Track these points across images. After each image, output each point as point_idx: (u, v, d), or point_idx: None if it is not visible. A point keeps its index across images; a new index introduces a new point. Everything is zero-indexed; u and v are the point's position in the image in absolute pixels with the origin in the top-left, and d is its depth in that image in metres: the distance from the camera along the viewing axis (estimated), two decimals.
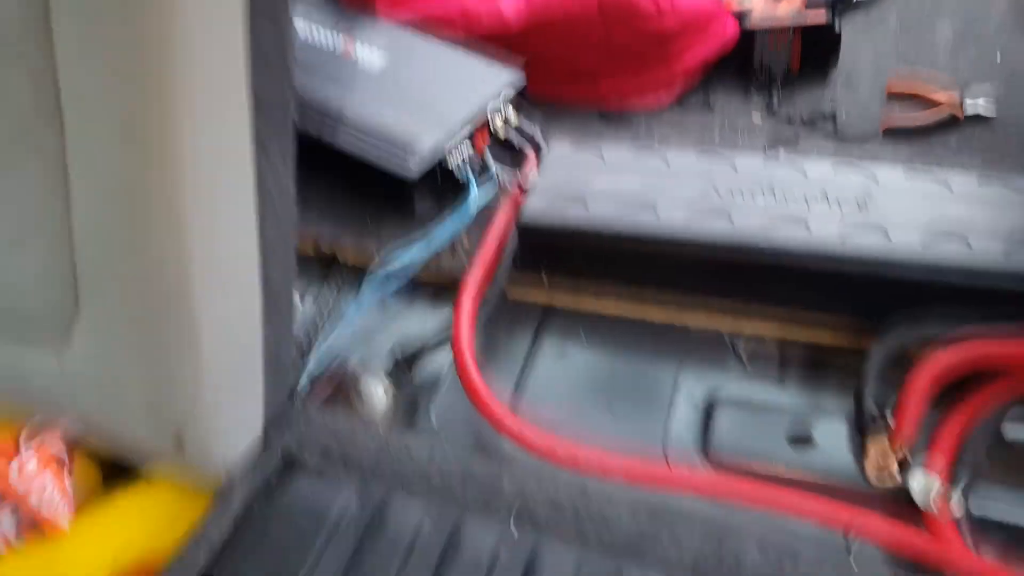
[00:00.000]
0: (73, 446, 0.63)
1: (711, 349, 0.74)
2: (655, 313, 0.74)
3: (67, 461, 0.61)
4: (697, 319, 0.73)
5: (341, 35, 0.94)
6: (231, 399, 0.56)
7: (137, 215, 0.49)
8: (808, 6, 1.05)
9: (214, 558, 0.53)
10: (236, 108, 0.50)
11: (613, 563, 0.53)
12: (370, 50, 0.91)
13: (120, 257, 0.51)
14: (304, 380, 0.70)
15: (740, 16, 1.02)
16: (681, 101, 0.98)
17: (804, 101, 0.97)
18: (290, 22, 0.52)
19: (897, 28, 1.06)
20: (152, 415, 0.55)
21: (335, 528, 0.54)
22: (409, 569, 0.52)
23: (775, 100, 0.97)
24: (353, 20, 0.96)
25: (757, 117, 0.95)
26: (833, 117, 0.94)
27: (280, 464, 0.58)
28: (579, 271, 0.75)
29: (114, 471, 0.65)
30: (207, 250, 0.50)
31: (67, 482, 0.61)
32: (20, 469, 0.58)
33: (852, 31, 1.01)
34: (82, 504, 0.62)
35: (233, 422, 0.57)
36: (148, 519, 0.60)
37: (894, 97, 0.96)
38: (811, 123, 0.94)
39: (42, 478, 0.58)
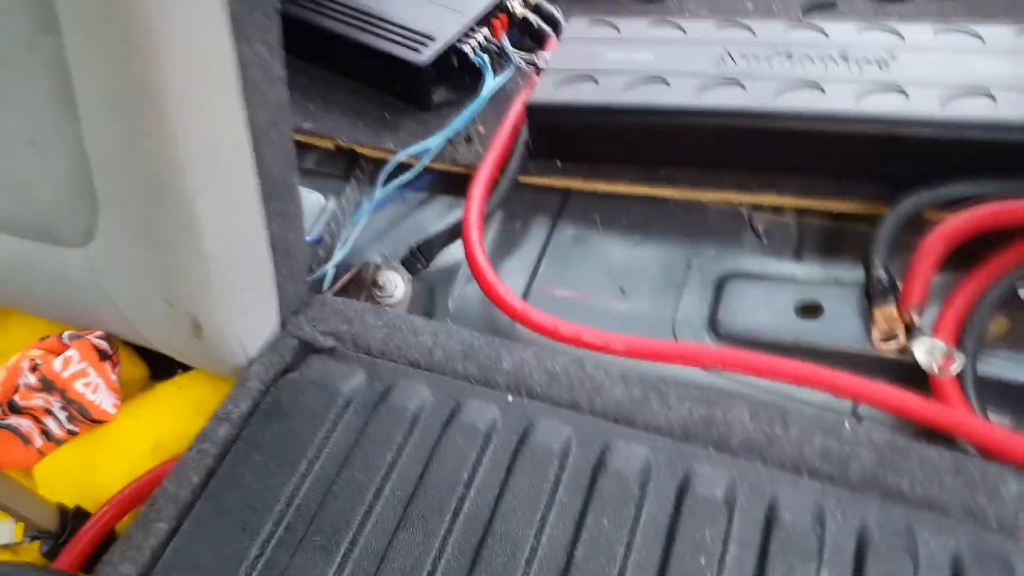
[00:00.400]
0: (117, 342, 0.67)
1: (727, 225, 0.72)
2: (669, 192, 0.72)
3: (112, 355, 0.66)
4: (713, 195, 0.72)
5: None
6: (241, 286, 0.59)
7: (131, 115, 0.51)
8: None
9: (235, 432, 0.56)
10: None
11: (604, 427, 0.54)
12: None
13: (123, 156, 0.53)
14: (330, 273, 0.72)
15: None
16: None
17: None
18: None
19: None
20: (169, 305, 0.58)
21: (347, 404, 0.56)
22: (413, 437, 0.54)
23: None
24: None
25: None
26: None
27: (296, 348, 0.61)
28: (592, 153, 0.74)
29: (164, 368, 0.69)
30: (195, 141, 0.51)
31: (112, 375, 0.65)
32: (65, 364, 0.62)
33: None
34: (130, 397, 0.67)
35: (246, 309, 0.60)
36: (186, 408, 0.64)
37: None
38: None
39: (85, 371, 0.63)
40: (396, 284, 0.72)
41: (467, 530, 0.50)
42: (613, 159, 0.74)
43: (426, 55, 0.78)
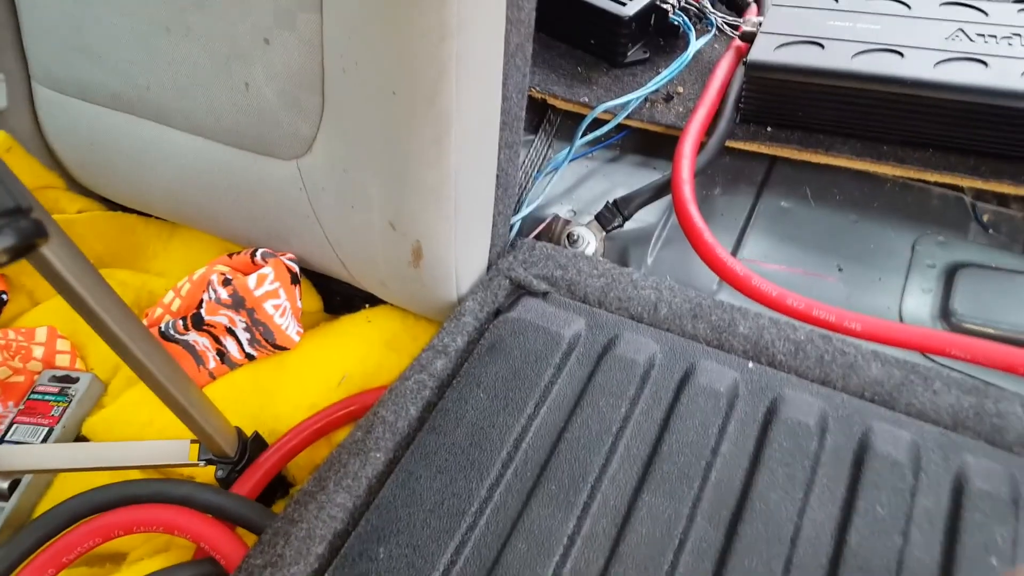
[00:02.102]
0: (302, 268, 0.61)
1: (950, 212, 0.63)
2: (893, 170, 0.63)
3: (300, 279, 0.59)
4: (939, 177, 0.63)
5: None
6: (468, 219, 0.52)
7: (399, 15, 0.44)
8: None
9: (453, 367, 0.49)
10: None
11: (861, 407, 0.46)
12: None
13: (374, 59, 0.46)
14: (517, 224, 0.65)
15: None
16: None
17: None
18: None
19: None
20: (392, 227, 0.51)
21: (570, 350, 0.49)
22: (646, 392, 0.47)
23: None
24: None
25: None
26: None
27: (508, 288, 0.54)
28: (808, 120, 0.65)
29: (337, 306, 0.63)
30: (461, 48, 0.45)
31: (299, 301, 0.58)
32: (259, 281, 0.56)
33: None
34: (307, 327, 0.60)
35: (467, 243, 0.53)
36: (376, 343, 0.57)
37: None
38: None
39: (277, 292, 0.56)
40: (588, 240, 0.64)
41: (717, 501, 0.42)
42: (829, 130, 0.65)
43: (631, 8, 0.71)
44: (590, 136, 0.69)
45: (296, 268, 0.59)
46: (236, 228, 0.63)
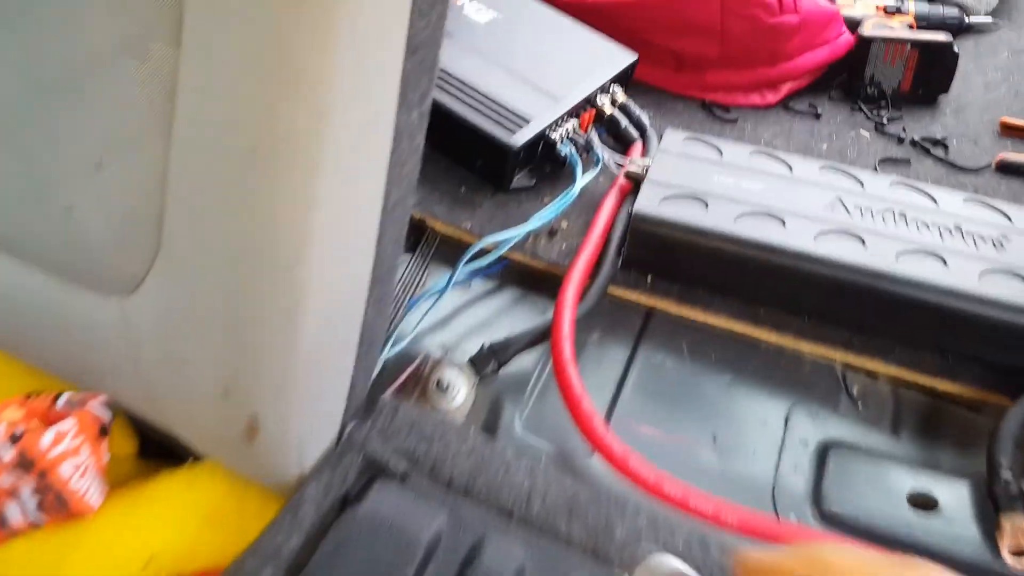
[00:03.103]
0: (117, 412, 0.49)
1: (822, 382, 0.60)
2: (768, 335, 0.60)
3: (109, 430, 0.47)
4: (811, 348, 0.60)
5: None
6: (320, 387, 0.43)
7: (259, 149, 0.35)
8: (919, 25, 0.91)
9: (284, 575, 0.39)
10: (391, 49, 0.35)
11: None
12: (478, 4, 0.76)
13: (226, 195, 0.37)
14: (380, 364, 0.56)
15: (851, 24, 0.87)
16: (786, 104, 0.83)
17: (913, 123, 0.82)
18: None
19: (1009, 59, 0.91)
20: (225, 394, 0.41)
21: (427, 557, 0.40)
22: None
23: (884, 117, 0.82)
24: None
25: (865, 131, 0.81)
26: (944, 143, 0.79)
27: (360, 466, 0.45)
28: (689, 276, 0.61)
29: (157, 446, 0.51)
30: (334, 204, 0.36)
31: (106, 454, 0.46)
32: (56, 440, 0.44)
33: (964, 56, 0.86)
34: (115, 479, 0.48)
35: (316, 414, 0.43)
36: (195, 514, 0.46)
37: (1008, 130, 0.81)
38: (921, 147, 0.79)
39: (78, 449, 0.44)
40: (459, 388, 0.56)
41: None
42: (710, 286, 0.61)
43: (520, 137, 0.65)
44: (472, 266, 0.62)
45: (107, 417, 0.47)
46: (41, 359, 0.50)
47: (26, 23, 0.39)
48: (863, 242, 0.58)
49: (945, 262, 0.58)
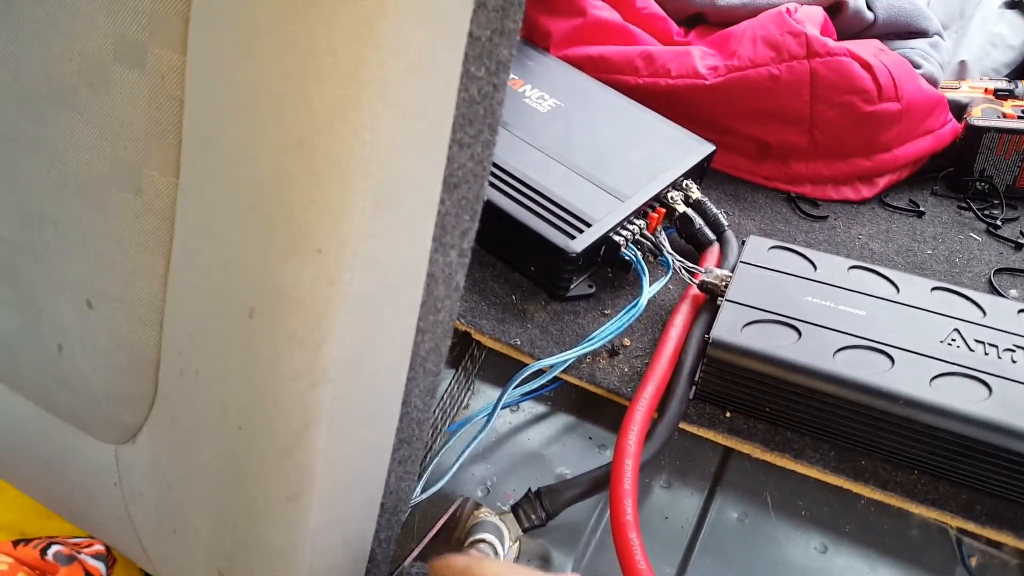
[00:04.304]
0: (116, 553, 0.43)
1: (932, 548, 0.50)
2: (870, 491, 0.50)
3: None
4: (924, 510, 0.50)
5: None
6: (332, 566, 0.36)
7: (258, 312, 0.29)
8: None
9: None
10: (424, 193, 0.29)
11: None
12: (539, 91, 0.70)
13: (223, 357, 0.31)
14: (408, 509, 0.49)
15: (956, 109, 0.78)
16: (883, 200, 0.74)
17: None
18: (507, 71, 0.31)
19: None
20: (219, 575, 0.35)
21: None
22: None
23: (997, 218, 0.72)
24: (521, 53, 0.75)
25: (975, 234, 0.71)
26: None
27: None
28: (776, 415, 0.52)
29: None
30: (348, 374, 0.30)
31: None
32: None
33: None
34: None
35: None
36: None
37: None
38: None
39: None
40: (502, 538, 0.48)
41: None
42: (801, 428, 0.52)
43: (580, 242, 0.58)
44: (521, 389, 0.55)
45: (102, 570, 0.42)
46: (38, 495, 0.45)
47: (16, 148, 0.34)
48: (988, 388, 0.49)
49: None
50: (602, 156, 0.64)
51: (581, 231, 0.58)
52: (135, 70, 0.31)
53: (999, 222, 0.72)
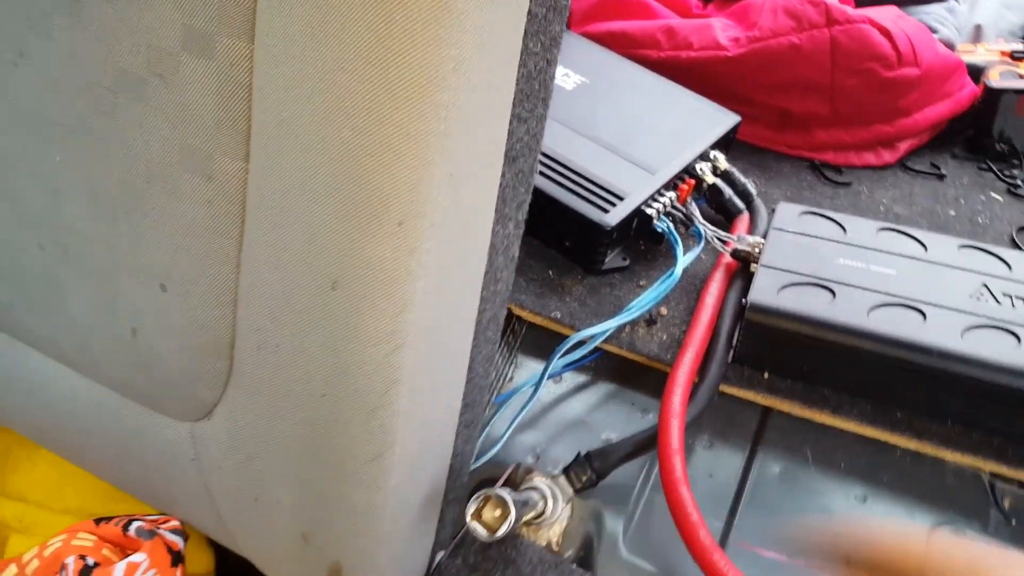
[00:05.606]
0: (189, 529, 0.46)
1: (967, 494, 0.52)
2: (906, 442, 0.52)
3: (184, 555, 0.44)
4: (958, 457, 0.52)
5: None
6: (408, 524, 0.38)
7: (340, 283, 0.31)
8: None
9: None
10: (489, 165, 0.31)
11: None
12: (563, 69, 0.71)
13: (303, 329, 0.33)
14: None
15: (973, 72, 0.79)
16: (904, 164, 0.76)
17: None
18: (558, 47, 0.33)
19: None
20: (304, 539, 0.37)
21: None
22: None
23: (1018, 178, 0.74)
24: None
25: (997, 194, 0.72)
26: None
27: None
28: (814, 374, 0.54)
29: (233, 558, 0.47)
30: (425, 339, 0.32)
31: None
32: (127, 569, 0.40)
33: None
34: None
35: (404, 551, 0.39)
36: None
37: None
38: None
39: None
40: (556, 501, 0.50)
41: None
42: (837, 385, 0.54)
43: (614, 216, 0.59)
44: (564, 360, 0.57)
45: (180, 544, 0.44)
46: (112, 477, 0.47)
47: (86, 139, 0.36)
48: (1017, 338, 0.51)
49: None
50: (630, 131, 0.66)
51: (614, 205, 0.60)
52: (203, 59, 0.33)
53: (1020, 182, 0.73)
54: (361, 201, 0.29)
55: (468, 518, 0.37)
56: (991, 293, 0.54)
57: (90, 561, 0.42)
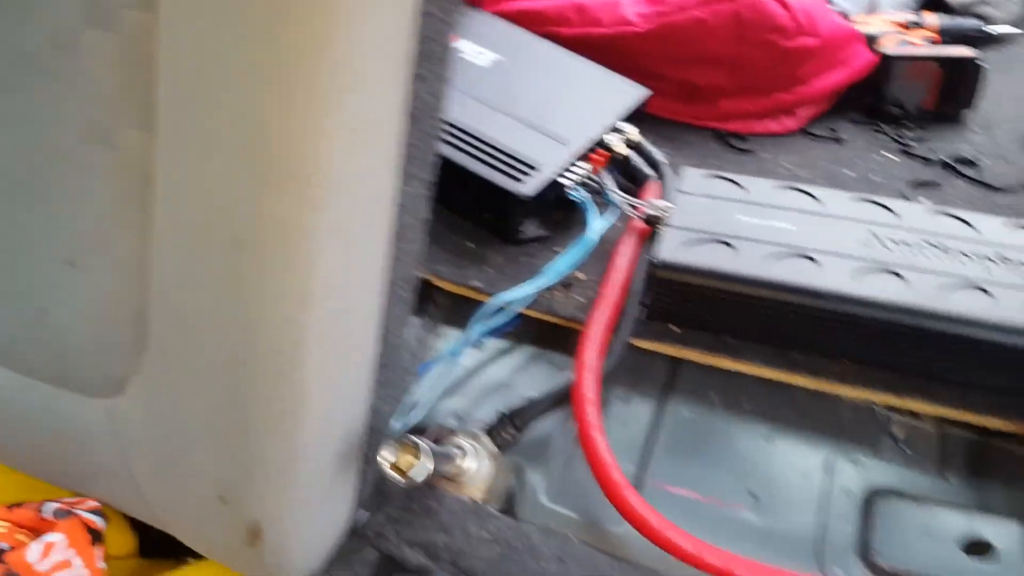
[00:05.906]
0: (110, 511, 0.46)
1: (863, 427, 0.56)
2: (804, 381, 0.56)
3: (103, 533, 0.44)
4: (852, 391, 0.56)
5: None
6: (326, 483, 0.40)
7: (246, 243, 0.32)
8: (944, 39, 0.87)
9: None
10: (389, 122, 0.33)
11: None
12: (477, 47, 0.73)
13: (213, 294, 0.34)
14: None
15: (869, 41, 0.84)
16: (805, 130, 0.80)
17: (939, 142, 0.79)
18: (457, 10, 0.35)
19: None
20: (222, 501, 0.38)
21: None
22: None
23: (908, 138, 0.79)
24: None
25: (890, 154, 0.77)
26: (973, 162, 0.76)
27: (375, 562, 0.42)
28: (719, 324, 0.58)
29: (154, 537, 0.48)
30: (332, 297, 0.34)
31: (100, 562, 0.43)
32: (44, 552, 0.41)
33: (990, 69, 0.82)
34: None
35: (323, 513, 0.40)
36: None
37: None
38: (951, 167, 0.75)
39: (70, 561, 0.41)
40: (478, 457, 0.53)
41: None
42: (740, 334, 0.58)
43: (529, 186, 0.62)
44: (483, 327, 0.59)
45: (100, 524, 0.44)
46: (29, 465, 0.47)
47: None
48: (903, 278, 0.55)
49: (991, 294, 0.54)
50: (543, 105, 0.68)
51: (528, 175, 0.62)
52: (106, 31, 0.33)
53: (911, 141, 0.78)
54: (263, 161, 0.31)
55: (380, 464, 0.39)
56: (879, 240, 0.58)
57: (4, 546, 0.42)
